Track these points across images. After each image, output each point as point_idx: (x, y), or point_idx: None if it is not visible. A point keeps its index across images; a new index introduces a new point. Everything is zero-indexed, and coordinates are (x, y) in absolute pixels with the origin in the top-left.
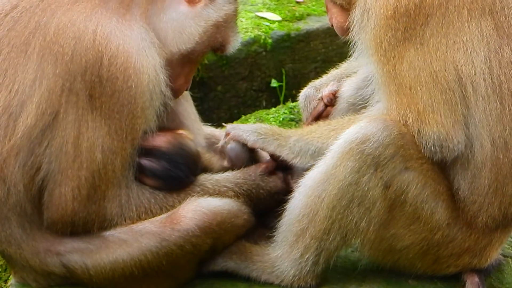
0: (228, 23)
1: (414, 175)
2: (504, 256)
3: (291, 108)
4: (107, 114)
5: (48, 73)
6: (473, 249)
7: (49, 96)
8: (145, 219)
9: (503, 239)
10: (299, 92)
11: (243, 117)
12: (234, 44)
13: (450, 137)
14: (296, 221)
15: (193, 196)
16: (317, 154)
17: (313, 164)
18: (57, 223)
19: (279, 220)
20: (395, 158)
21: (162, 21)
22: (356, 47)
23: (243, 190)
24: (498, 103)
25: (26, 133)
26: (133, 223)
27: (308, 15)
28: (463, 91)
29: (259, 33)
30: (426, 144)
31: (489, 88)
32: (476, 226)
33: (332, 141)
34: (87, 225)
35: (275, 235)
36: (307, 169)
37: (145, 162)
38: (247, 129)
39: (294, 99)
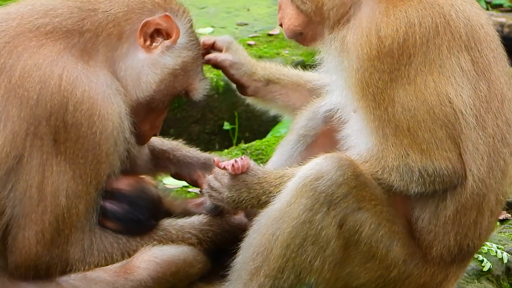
0: (187, 71)
1: (367, 215)
2: None
3: (243, 149)
4: (72, 159)
5: (13, 116)
6: (429, 284)
7: (14, 139)
8: (106, 264)
9: (459, 274)
10: (253, 134)
11: None
12: (200, 91)
13: (456, 169)
14: (250, 259)
15: (156, 241)
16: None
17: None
18: (20, 267)
19: (233, 259)
20: (348, 198)
21: (122, 69)
22: (333, 85)
23: (207, 237)
24: (481, 132)
25: None
26: (91, 268)
27: (260, 57)
28: (461, 122)
29: (211, 75)
30: (426, 180)
31: (474, 120)
32: (432, 258)
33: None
34: (49, 269)
35: (229, 274)
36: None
37: (107, 204)
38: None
39: (247, 141)
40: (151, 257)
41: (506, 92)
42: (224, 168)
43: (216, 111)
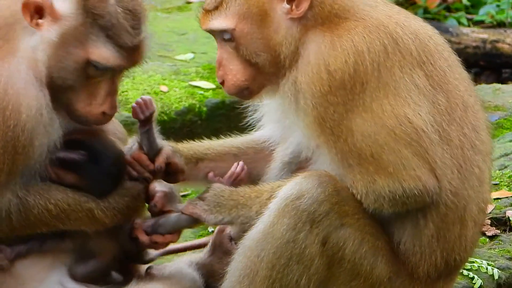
0: (70, 42)
1: (351, 231)
2: None
3: None
4: None
5: None
6: None
7: None
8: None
9: None
10: None
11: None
12: (104, 59)
13: (428, 186)
14: (237, 283)
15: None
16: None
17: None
18: None
19: (221, 283)
20: (330, 215)
21: (30, 52)
22: (291, 127)
23: None
24: (446, 147)
25: None
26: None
27: None
28: (425, 140)
29: (194, 102)
30: (398, 201)
31: (437, 135)
32: (418, 277)
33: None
34: None
35: None
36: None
37: (62, 154)
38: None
39: None
40: None
41: (467, 98)
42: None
43: (200, 137)
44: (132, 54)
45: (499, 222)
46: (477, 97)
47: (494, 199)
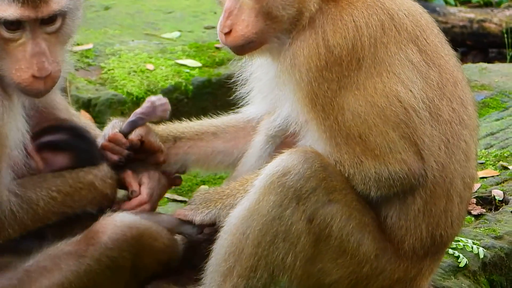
0: None
1: (338, 207)
2: (436, 287)
3: None
4: None
5: None
6: (403, 280)
7: None
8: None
9: (433, 268)
10: None
11: None
12: (6, 11)
13: (413, 170)
14: (222, 260)
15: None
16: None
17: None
18: None
19: (206, 261)
20: (317, 191)
21: None
22: (282, 98)
23: None
24: (435, 123)
25: None
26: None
27: (229, 60)
28: (414, 119)
29: (180, 80)
30: (385, 184)
31: (427, 112)
32: (405, 253)
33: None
34: None
35: (202, 277)
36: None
37: (46, 138)
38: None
39: None
40: (108, 220)
41: (457, 74)
42: None
43: (186, 115)
44: (37, 4)
45: (485, 201)
46: (463, 73)
47: (480, 178)
